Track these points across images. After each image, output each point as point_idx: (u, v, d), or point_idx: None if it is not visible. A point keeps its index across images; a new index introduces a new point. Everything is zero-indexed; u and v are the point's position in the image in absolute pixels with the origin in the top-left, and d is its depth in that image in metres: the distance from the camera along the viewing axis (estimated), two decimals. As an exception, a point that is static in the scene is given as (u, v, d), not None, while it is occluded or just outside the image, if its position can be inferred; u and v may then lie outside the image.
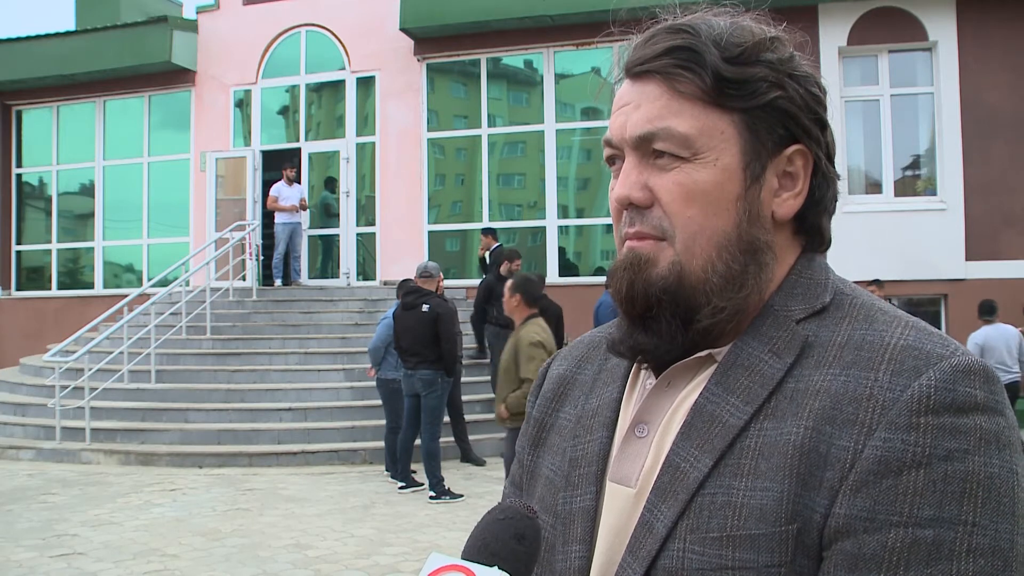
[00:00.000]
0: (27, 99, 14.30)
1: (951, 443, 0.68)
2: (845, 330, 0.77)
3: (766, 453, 0.73)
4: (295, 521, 6.40)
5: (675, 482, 0.77)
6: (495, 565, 0.78)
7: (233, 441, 8.83)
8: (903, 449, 0.68)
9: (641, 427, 0.83)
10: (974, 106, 10.46)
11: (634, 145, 0.81)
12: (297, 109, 13.31)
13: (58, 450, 8.92)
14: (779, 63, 0.80)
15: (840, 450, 0.70)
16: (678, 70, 0.79)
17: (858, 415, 0.71)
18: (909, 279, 10.35)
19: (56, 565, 5.42)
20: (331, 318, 11.27)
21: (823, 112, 0.83)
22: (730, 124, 0.79)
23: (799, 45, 0.83)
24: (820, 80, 0.83)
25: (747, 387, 0.77)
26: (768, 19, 0.83)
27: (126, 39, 13.19)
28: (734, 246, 0.80)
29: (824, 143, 0.83)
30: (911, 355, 0.72)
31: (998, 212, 10.37)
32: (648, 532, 0.77)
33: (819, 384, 0.74)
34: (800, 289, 0.82)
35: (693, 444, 0.77)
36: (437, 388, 7.26)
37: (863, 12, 10.79)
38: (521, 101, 12.64)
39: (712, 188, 0.79)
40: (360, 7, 12.66)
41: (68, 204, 14.56)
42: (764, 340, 0.79)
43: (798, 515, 0.71)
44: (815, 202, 0.83)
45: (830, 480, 0.70)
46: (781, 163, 0.81)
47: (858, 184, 11.05)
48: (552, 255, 11.91)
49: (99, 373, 9.74)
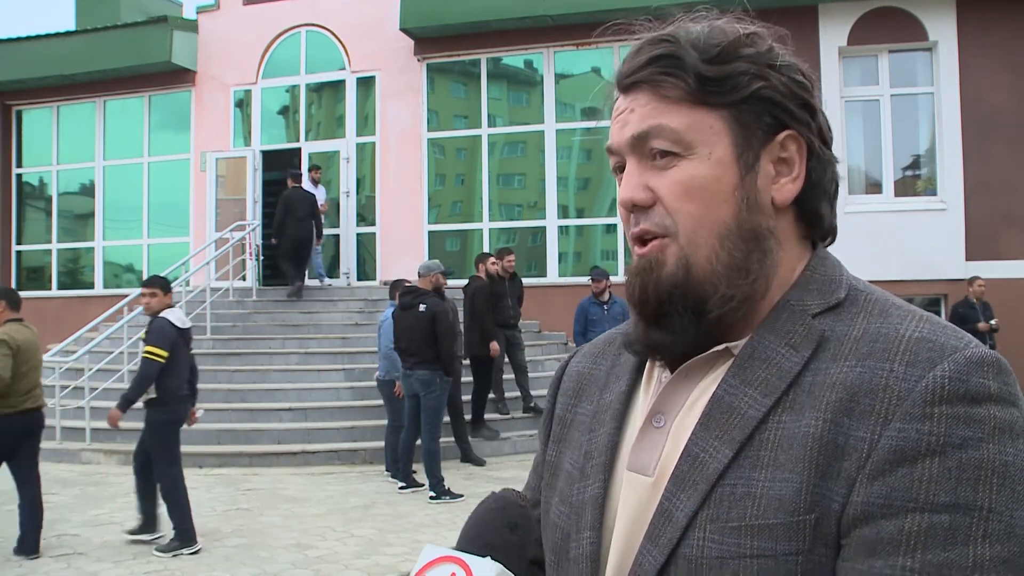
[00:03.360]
0: (27, 99, 14.30)
1: (965, 432, 0.69)
2: (860, 324, 0.79)
3: (785, 445, 0.75)
4: (295, 521, 6.40)
5: (694, 472, 0.79)
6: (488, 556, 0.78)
7: (233, 441, 8.83)
8: (918, 438, 0.70)
9: (659, 417, 0.85)
10: (974, 106, 10.46)
11: (632, 147, 0.85)
12: (297, 109, 13.31)
13: (58, 450, 8.92)
14: (758, 56, 0.83)
15: (858, 440, 0.72)
16: (662, 77, 0.83)
17: (874, 406, 0.72)
18: (909, 279, 10.34)
19: (56, 565, 5.42)
20: (331, 318, 11.27)
21: (810, 97, 0.85)
22: (719, 119, 0.82)
23: (780, 38, 0.85)
24: (804, 68, 0.86)
25: (765, 379, 0.79)
26: (745, 17, 0.86)
27: (126, 39, 13.18)
28: (735, 235, 0.82)
29: (816, 127, 0.85)
30: (926, 347, 0.74)
31: (998, 212, 10.37)
32: (667, 521, 0.79)
33: (836, 377, 0.76)
34: (815, 285, 0.84)
35: (712, 435, 0.79)
36: (436, 388, 7.26)
37: (863, 12, 10.79)
38: (521, 101, 12.64)
39: (709, 181, 0.82)
40: (360, 7, 12.66)
41: (68, 204, 14.56)
42: (781, 334, 0.81)
43: (816, 505, 0.72)
44: (813, 185, 0.85)
45: (848, 470, 0.72)
46: (774, 150, 0.84)
47: (858, 184, 11.04)
48: (552, 255, 11.91)
49: (99, 373, 9.74)
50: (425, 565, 0.80)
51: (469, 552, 0.80)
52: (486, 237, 12.16)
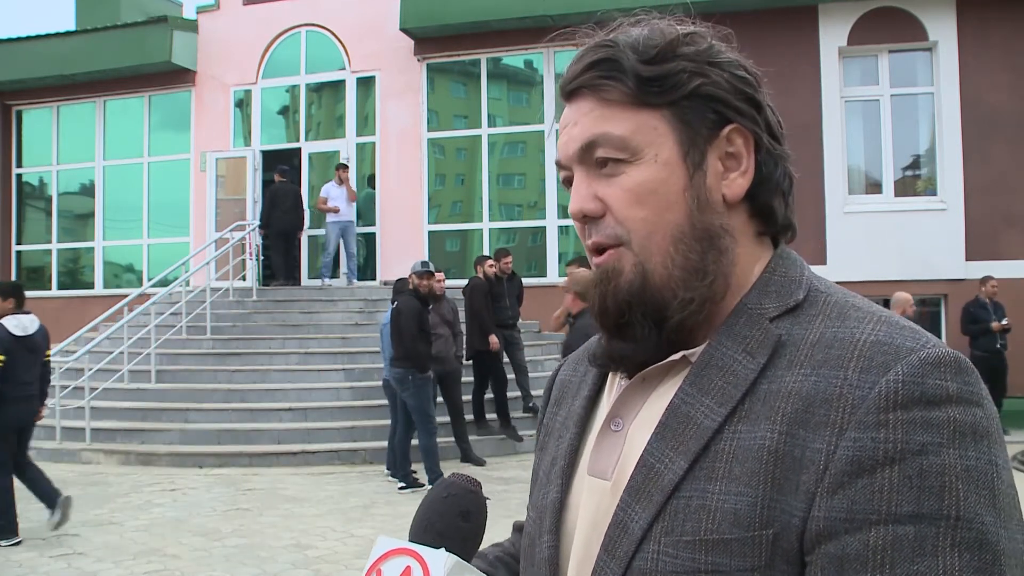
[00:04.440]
0: (27, 99, 14.30)
1: (923, 437, 0.67)
2: (818, 328, 0.77)
3: (740, 457, 0.73)
4: (295, 521, 6.40)
5: (649, 482, 0.77)
6: (442, 546, 0.77)
7: (233, 441, 8.83)
8: (874, 447, 0.67)
9: (616, 421, 0.85)
10: (974, 106, 10.45)
11: (578, 158, 0.84)
12: (297, 109, 13.31)
13: (58, 450, 8.92)
14: (696, 54, 0.82)
15: (814, 452, 0.70)
16: (602, 80, 0.82)
17: (829, 416, 0.70)
18: (909, 279, 10.34)
19: (56, 565, 5.43)
20: (331, 318, 11.27)
21: (754, 92, 0.84)
22: (661, 120, 0.81)
23: (724, 37, 0.85)
24: (748, 64, 0.85)
25: (721, 388, 0.77)
26: (686, 19, 0.86)
27: (126, 39, 13.18)
28: (689, 237, 0.80)
29: (763, 122, 0.84)
30: (880, 350, 0.71)
31: (998, 212, 10.37)
32: (623, 532, 0.77)
33: (791, 386, 0.74)
34: (774, 287, 0.82)
35: (668, 445, 0.78)
36: (409, 385, 7.35)
37: (863, 12, 10.78)
38: (521, 101, 12.65)
39: (658, 185, 0.81)
40: (360, 7, 12.66)
41: (68, 204, 14.56)
42: (738, 339, 0.79)
43: (774, 520, 0.70)
44: (763, 179, 0.84)
45: (806, 483, 0.70)
46: (721, 145, 0.82)
47: (858, 184, 11.04)
48: (552, 255, 11.91)
49: (99, 373, 9.75)
50: (379, 558, 0.79)
51: (422, 542, 0.79)
52: (486, 237, 12.16)
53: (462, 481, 0.82)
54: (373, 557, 0.78)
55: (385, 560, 0.78)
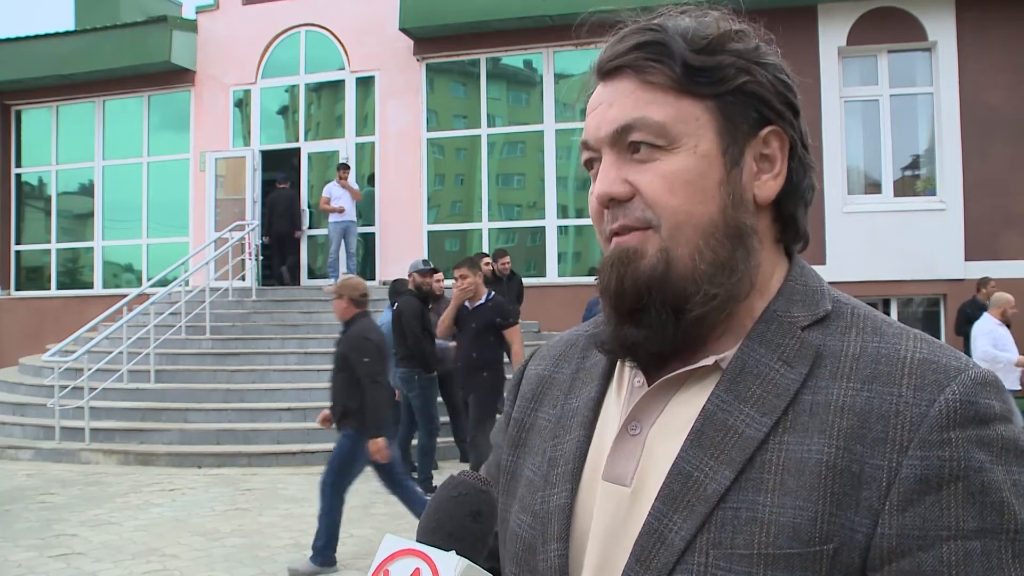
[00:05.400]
0: (27, 99, 14.30)
1: (980, 454, 0.70)
2: (855, 341, 0.77)
3: (792, 469, 0.73)
4: (294, 521, 6.39)
5: (688, 492, 0.75)
6: (452, 548, 0.76)
7: (232, 441, 8.82)
8: (940, 465, 0.69)
9: (635, 425, 0.82)
10: (974, 106, 10.45)
11: (611, 141, 0.81)
12: (297, 109, 13.30)
13: (57, 450, 8.92)
14: (745, 52, 0.82)
15: (874, 469, 0.71)
16: (648, 62, 0.80)
17: (887, 433, 0.71)
18: (909, 279, 10.35)
19: (55, 565, 5.42)
20: (331, 318, 11.16)
21: (794, 98, 0.84)
22: (704, 110, 0.80)
23: (766, 40, 0.85)
24: (788, 69, 0.85)
25: (761, 397, 0.76)
26: (734, 16, 0.85)
27: (126, 39, 13.18)
28: (720, 232, 0.79)
29: (798, 128, 0.84)
30: (930, 368, 0.73)
31: (998, 212, 10.37)
32: (659, 542, 0.75)
33: (841, 400, 0.74)
34: (799, 296, 0.82)
35: (707, 453, 0.76)
36: (415, 386, 7.32)
37: (863, 12, 10.79)
38: (521, 101, 12.65)
39: (695, 176, 0.79)
40: (360, 7, 12.65)
41: (67, 204, 14.56)
42: (771, 347, 0.78)
43: (834, 535, 0.70)
44: (793, 187, 0.84)
45: (868, 500, 0.70)
46: (758, 145, 0.82)
47: (858, 184, 11.04)
48: (551, 255, 11.91)
49: (98, 373, 9.74)
50: (386, 558, 0.77)
51: (431, 543, 0.78)
52: (485, 237, 12.16)
53: (472, 480, 0.80)
54: (380, 557, 0.77)
55: (393, 561, 0.76)
